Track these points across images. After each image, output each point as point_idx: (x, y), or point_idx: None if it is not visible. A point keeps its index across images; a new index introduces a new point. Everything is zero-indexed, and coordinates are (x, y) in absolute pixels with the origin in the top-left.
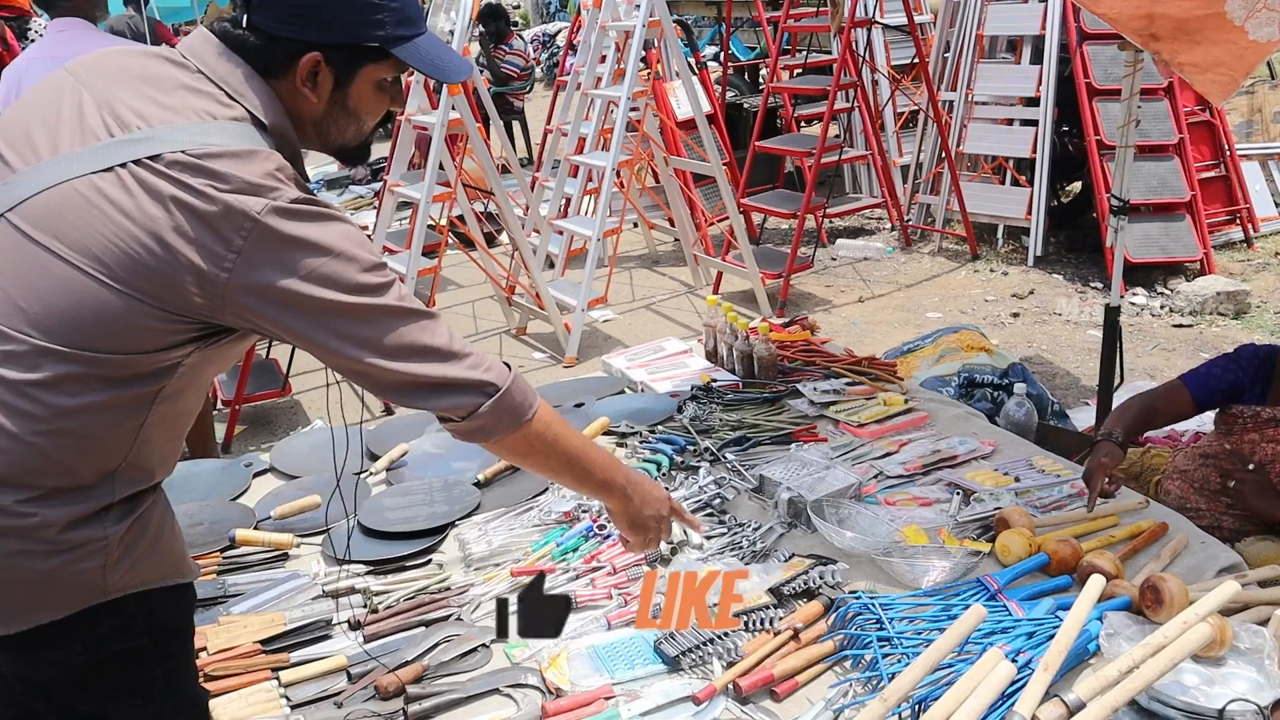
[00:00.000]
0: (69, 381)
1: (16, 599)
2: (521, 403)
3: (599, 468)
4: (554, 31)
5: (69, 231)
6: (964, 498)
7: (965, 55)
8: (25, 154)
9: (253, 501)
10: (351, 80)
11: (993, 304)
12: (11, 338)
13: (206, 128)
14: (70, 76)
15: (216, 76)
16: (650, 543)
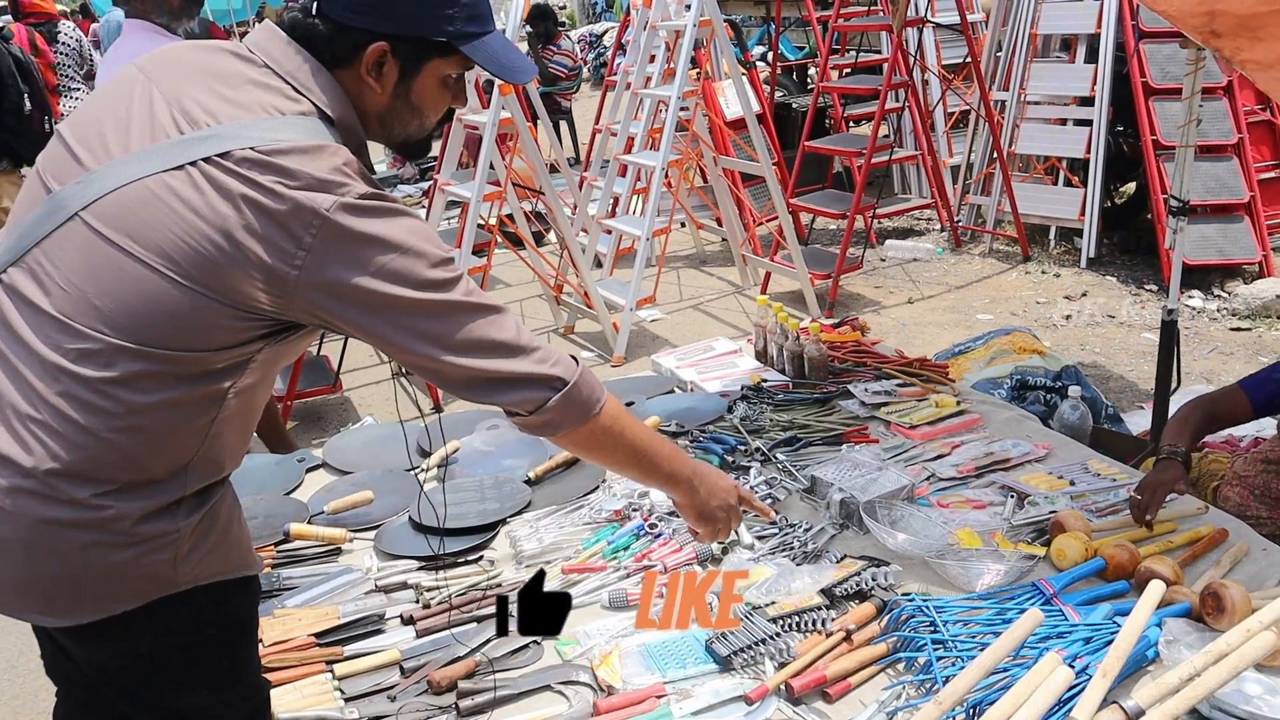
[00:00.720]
0: (143, 379)
1: (90, 590)
2: (589, 397)
3: (665, 460)
4: (600, 31)
5: (141, 230)
6: (1018, 501)
7: (1018, 54)
8: (97, 152)
9: (306, 496)
10: (416, 74)
11: (1044, 306)
12: (87, 336)
13: (274, 123)
14: (139, 73)
15: (283, 71)
16: (720, 532)
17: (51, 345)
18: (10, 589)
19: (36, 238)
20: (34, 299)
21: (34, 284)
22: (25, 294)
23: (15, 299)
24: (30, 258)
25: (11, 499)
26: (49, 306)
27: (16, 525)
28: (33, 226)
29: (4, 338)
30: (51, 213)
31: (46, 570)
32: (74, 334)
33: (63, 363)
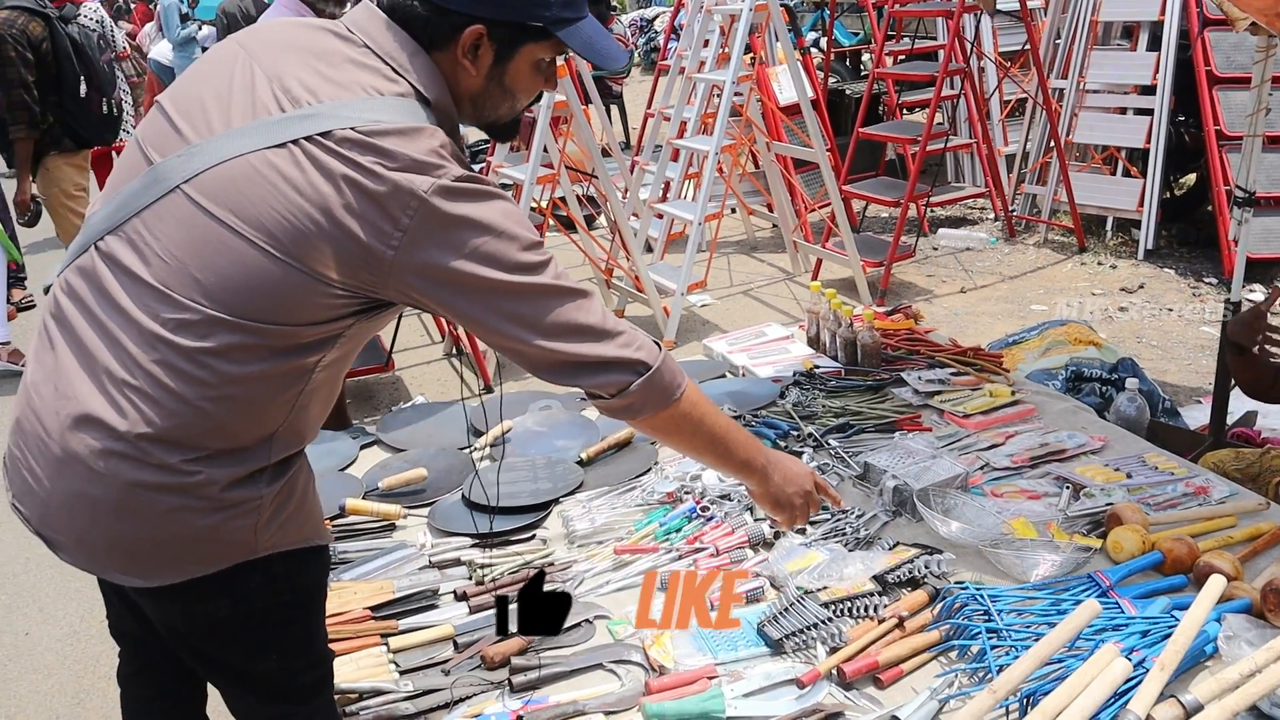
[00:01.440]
0: (238, 350)
1: (173, 552)
2: (671, 382)
3: (741, 447)
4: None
5: (243, 205)
6: (1074, 492)
7: (1078, 41)
8: (199, 126)
9: (360, 472)
10: (511, 57)
11: (1100, 298)
12: (186, 306)
13: (374, 104)
14: (240, 48)
15: (383, 51)
16: (797, 519)
17: (150, 314)
18: (99, 548)
19: (136, 208)
20: (132, 267)
21: (133, 253)
22: (123, 262)
23: (113, 266)
24: (129, 227)
25: (104, 461)
26: (148, 276)
27: (107, 486)
28: (132, 197)
29: (101, 304)
30: (152, 184)
31: (134, 531)
32: (173, 304)
33: (161, 331)
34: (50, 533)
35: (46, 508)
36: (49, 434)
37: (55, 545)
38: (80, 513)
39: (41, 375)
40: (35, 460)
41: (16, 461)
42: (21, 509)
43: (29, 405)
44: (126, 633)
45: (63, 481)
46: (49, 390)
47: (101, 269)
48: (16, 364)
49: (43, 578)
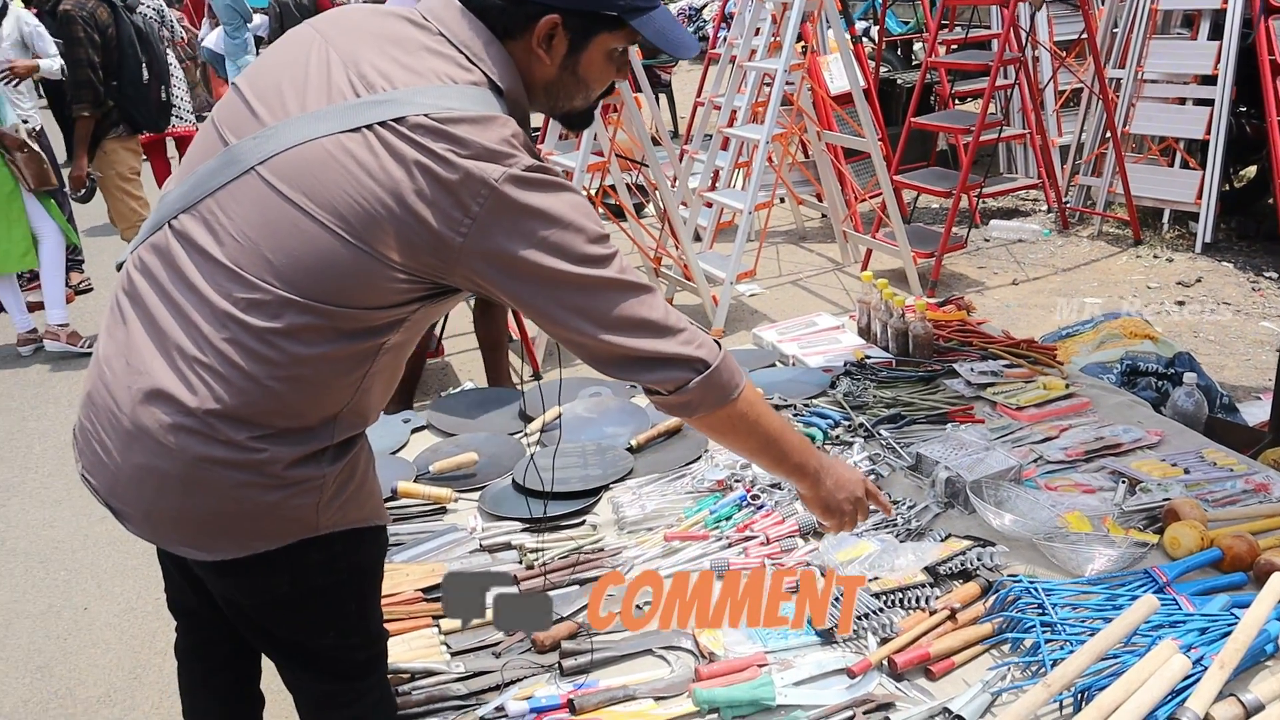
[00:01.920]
0: (307, 331)
1: (237, 528)
2: (729, 381)
3: (794, 451)
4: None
5: (316, 188)
6: (1129, 487)
7: (1136, 30)
8: (275, 109)
9: (411, 456)
10: (585, 47)
11: (1156, 291)
12: (258, 286)
13: (447, 91)
14: (316, 33)
15: (457, 40)
16: (846, 525)
17: (222, 293)
18: (165, 520)
19: (211, 188)
20: (206, 246)
21: (206, 232)
22: (197, 241)
23: (186, 244)
24: (203, 206)
25: (173, 435)
26: (221, 255)
27: (175, 460)
28: (207, 177)
29: (174, 281)
30: (227, 165)
31: (200, 505)
32: (245, 284)
33: (232, 311)
34: (119, 504)
35: (116, 480)
36: (120, 408)
37: (123, 517)
38: (148, 485)
39: (114, 349)
40: (106, 433)
41: (87, 434)
42: (91, 480)
43: (100, 379)
44: (185, 607)
45: (132, 454)
46: (120, 365)
47: (175, 247)
48: (75, 345)
49: (100, 554)
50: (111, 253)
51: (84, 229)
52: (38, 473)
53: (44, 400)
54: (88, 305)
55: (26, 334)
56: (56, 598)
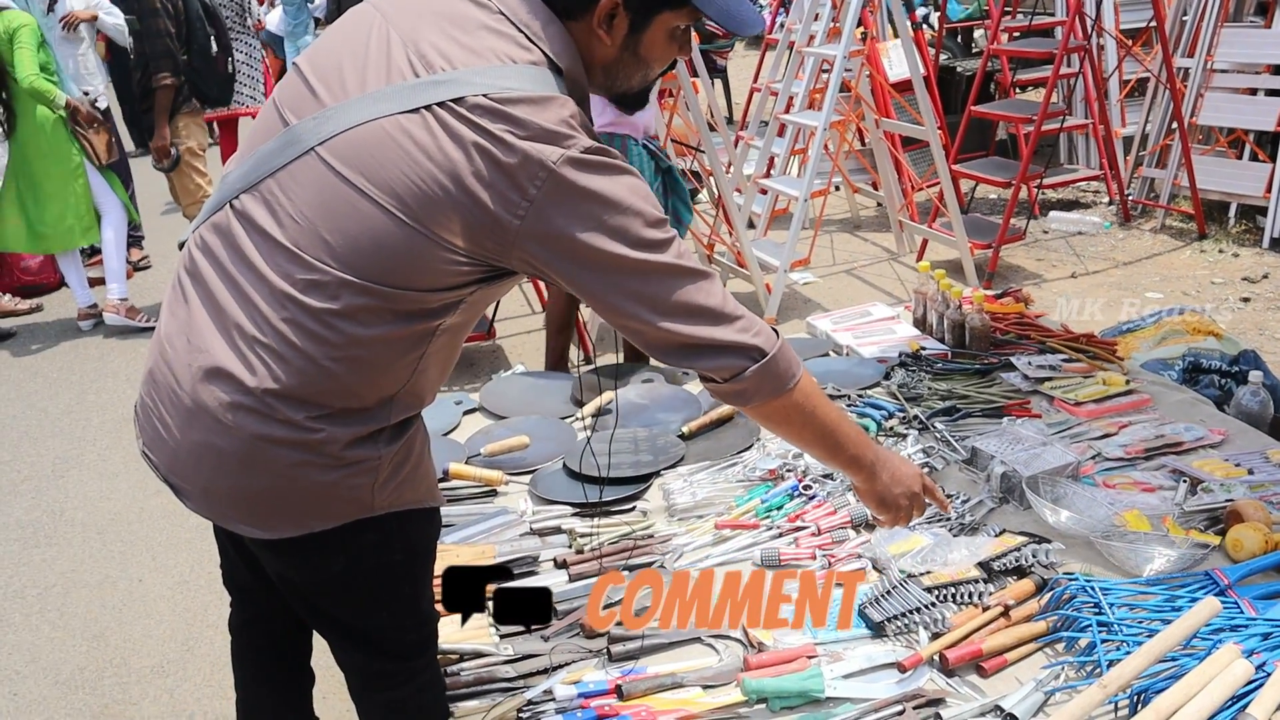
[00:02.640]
0: (364, 313)
1: (294, 506)
2: (785, 370)
3: (851, 443)
4: None
5: (374, 169)
6: (1191, 487)
7: (1207, 18)
8: (335, 90)
9: (463, 438)
10: (646, 26)
11: (1221, 287)
12: (316, 268)
13: (506, 71)
14: (377, 12)
15: (517, 19)
16: (901, 519)
17: (281, 274)
18: (224, 498)
19: (271, 168)
20: (266, 227)
21: (266, 212)
22: (257, 221)
23: (246, 224)
24: (264, 186)
25: (232, 413)
26: (280, 236)
27: (234, 439)
28: (268, 157)
29: (234, 260)
30: (287, 145)
31: (258, 483)
32: (304, 265)
33: (291, 291)
34: (178, 480)
35: (175, 456)
36: (180, 385)
37: (182, 493)
38: (207, 462)
39: (175, 328)
40: (166, 410)
41: (148, 410)
42: (151, 456)
43: (162, 356)
44: (239, 584)
45: (192, 432)
46: (182, 343)
47: (236, 227)
48: (134, 320)
49: (155, 528)
50: (171, 230)
51: (143, 206)
52: (96, 445)
53: (103, 374)
54: (147, 281)
55: (87, 309)
56: (113, 569)
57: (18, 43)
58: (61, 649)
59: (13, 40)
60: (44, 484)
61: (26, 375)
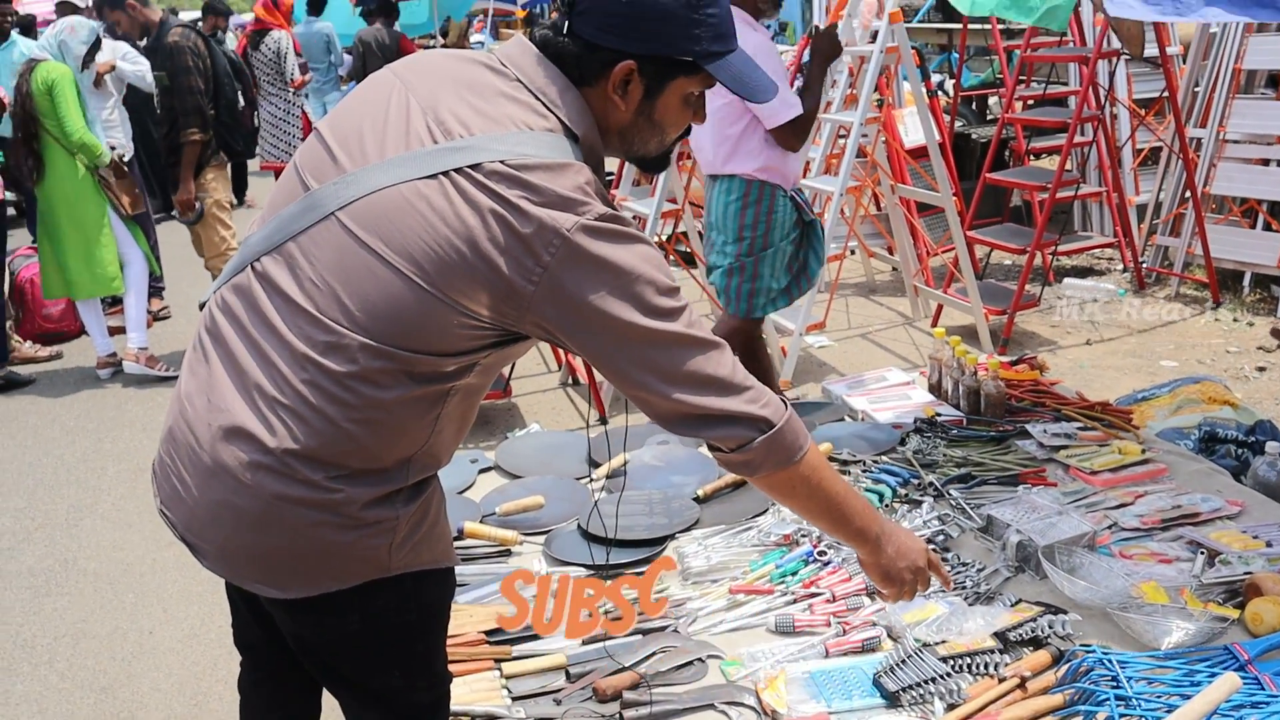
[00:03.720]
0: (382, 375)
1: (311, 566)
2: (793, 442)
3: (856, 516)
4: None
5: (392, 234)
6: (1208, 558)
7: (1219, 90)
8: (355, 155)
9: (478, 497)
10: (661, 92)
11: (1236, 355)
12: (335, 331)
13: (523, 138)
14: (397, 79)
15: (534, 86)
16: (905, 594)
17: (302, 336)
18: (241, 557)
19: (292, 232)
20: (286, 289)
21: (288, 275)
22: (278, 283)
23: (267, 286)
24: (285, 249)
25: (251, 473)
26: (301, 299)
27: (253, 498)
28: (289, 221)
29: (255, 322)
30: (308, 210)
31: (275, 543)
32: (323, 328)
33: (311, 354)
34: (194, 539)
35: (193, 515)
36: (200, 444)
37: (199, 551)
38: (225, 521)
39: (195, 387)
40: (185, 468)
41: (167, 468)
42: (169, 514)
43: (182, 415)
44: (250, 642)
45: (211, 490)
46: (202, 402)
47: (257, 289)
48: (154, 369)
49: (167, 579)
50: (190, 281)
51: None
52: (111, 495)
53: (120, 423)
54: (166, 331)
55: (107, 357)
56: (123, 620)
57: (60, 95)
58: (69, 701)
59: (51, 92)
60: (57, 532)
61: (44, 422)
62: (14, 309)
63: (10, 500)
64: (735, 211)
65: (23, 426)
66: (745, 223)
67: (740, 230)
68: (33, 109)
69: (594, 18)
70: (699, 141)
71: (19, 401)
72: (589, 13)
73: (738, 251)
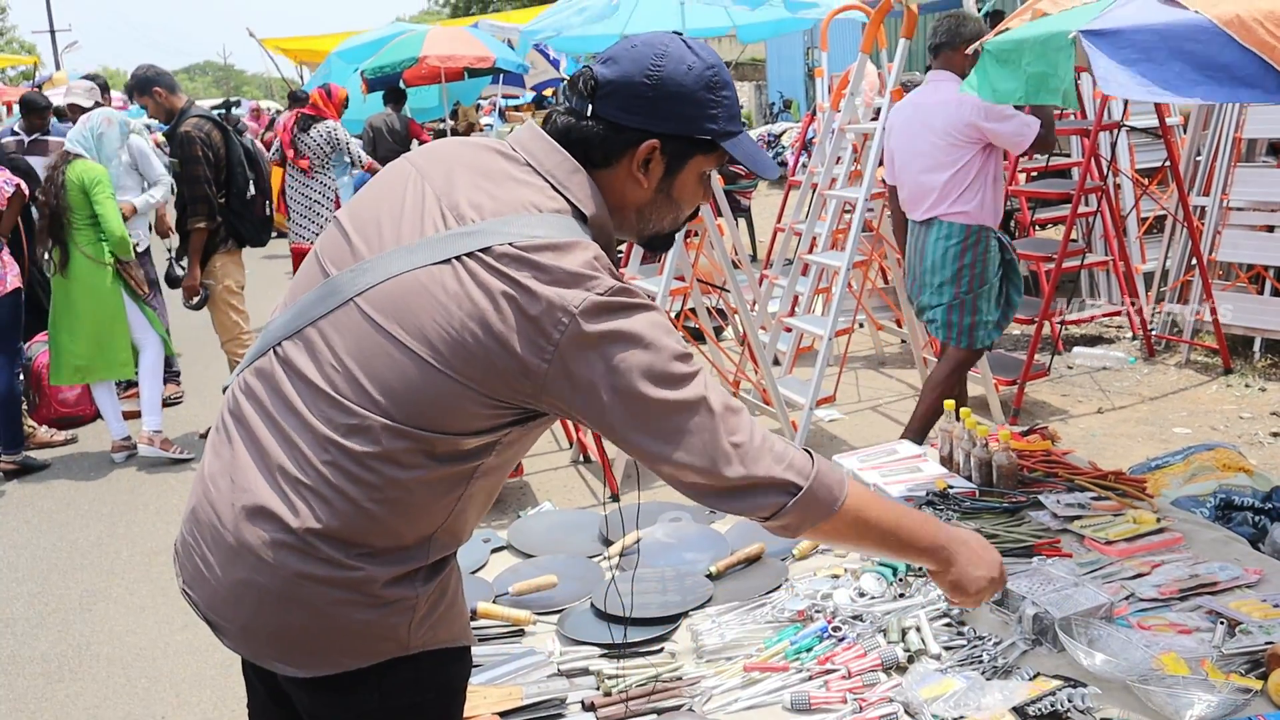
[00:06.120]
0: (403, 455)
1: (331, 644)
2: (827, 496)
3: (918, 538)
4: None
5: (408, 318)
6: (1229, 628)
7: (1220, 159)
8: (372, 242)
9: (491, 576)
10: (681, 169)
11: (1249, 421)
12: (356, 413)
13: (532, 220)
14: (413, 168)
15: (543, 169)
16: (975, 601)
17: (323, 419)
18: (262, 635)
19: (312, 317)
20: (307, 373)
21: (309, 359)
22: (299, 367)
23: (289, 370)
24: (306, 334)
25: (273, 551)
26: (322, 382)
27: (275, 576)
28: (309, 307)
29: (277, 405)
30: (328, 296)
31: (296, 621)
32: (344, 410)
33: (332, 435)
34: (216, 618)
35: (216, 594)
36: (224, 524)
37: (220, 630)
38: (247, 600)
39: (219, 468)
40: (209, 548)
41: (190, 548)
42: (192, 594)
43: (205, 496)
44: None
45: (234, 570)
46: (225, 482)
47: (279, 372)
48: (168, 452)
49: (180, 664)
50: (203, 365)
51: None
52: (124, 579)
53: (134, 507)
54: (179, 415)
55: (121, 441)
56: (136, 705)
57: (101, 195)
58: None
59: (87, 191)
60: (71, 616)
61: (59, 506)
62: (30, 394)
63: (24, 585)
64: (955, 254)
65: (37, 511)
66: (965, 263)
67: (959, 270)
68: (65, 201)
69: (618, 100)
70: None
71: (34, 486)
72: (613, 95)
73: (956, 290)
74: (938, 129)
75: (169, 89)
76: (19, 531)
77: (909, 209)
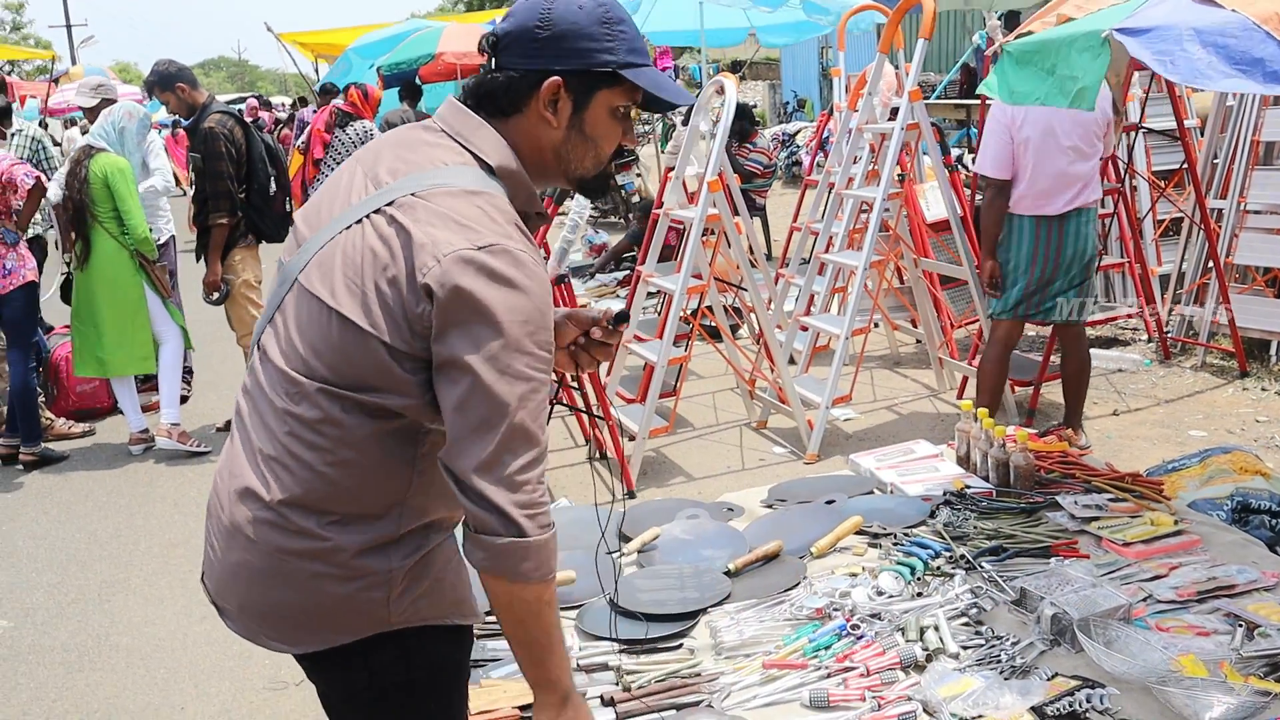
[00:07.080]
0: (342, 418)
1: (315, 619)
2: (528, 566)
3: (557, 666)
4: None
5: (328, 278)
6: (1247, 631)
7: (1238, 161)
8: (313, 226)
9: None
10: (588, 104)
11: (1265, 425)
12: (299, 381)
13: (437, 172)
14: (354, 160)
15: (451, 130)
16: None
17: (281, 393)
18: (253, 614)
19: (275, 306)
20: (272, 356)
21: (274, 343)
22: (269, 354)
23: (263, 358)
24: (273, 322)
25: (255, 528)
26: (280, 360)
27: (260, 553)
28: (273, 297)
29: (256, 392)
30: (282, 283)
31: (280, 597)
32: (291, 380)
33: (288, 406)
34: (220, 601)
35: (219, 578)
36: (223, 509)
37: (224, 613)
38: (241, 580)
39: (223, 461)
40: (215, 534)
41: (207, 537)
42: (206, 582)
43: (215, 488)
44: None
45: (230, 552)
46: (226, 473)
47: (257, 364)
48: (186, 444)
49: (199, 654)
50: (217, 359)
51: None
52: (143, 570)
53: (151, 499)
54: (194, 409)
55: (139, 434)
56: (155, 695)
57: (124, 191)
58: None
59: (110, 186)
60: (90, 608)
61: (77, 498)
62: (49, 386)
63: (44, 576)
64: (1095, 237)
65: (56, 502)
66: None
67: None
68: (87, 195)
69: (518, 48)
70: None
71: (52, 478)
72: (512, 45)
73: (1087, 272)
74: (1084, 120)
75: (191, 84)
76: (38, 523)
77: (1042, 202)
